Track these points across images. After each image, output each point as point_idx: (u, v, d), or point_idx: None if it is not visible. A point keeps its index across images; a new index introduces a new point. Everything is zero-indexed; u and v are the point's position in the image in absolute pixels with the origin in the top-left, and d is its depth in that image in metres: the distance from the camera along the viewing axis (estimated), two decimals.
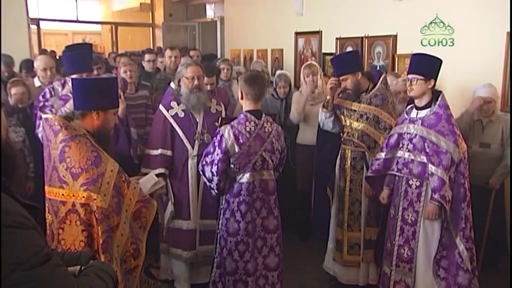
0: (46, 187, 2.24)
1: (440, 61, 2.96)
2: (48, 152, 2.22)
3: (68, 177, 2.10)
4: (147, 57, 5.40)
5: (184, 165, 3.38)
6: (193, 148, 3.37)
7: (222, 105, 3.62)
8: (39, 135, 3.39)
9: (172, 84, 3.53)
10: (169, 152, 3.37)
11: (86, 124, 2.24)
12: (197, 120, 3.41)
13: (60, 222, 2.13)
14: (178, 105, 3.40)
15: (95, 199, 2.05)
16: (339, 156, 3.61)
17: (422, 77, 2.90)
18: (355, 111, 3.48)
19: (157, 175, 3.37)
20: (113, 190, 2.13)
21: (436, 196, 2.83)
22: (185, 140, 3.37)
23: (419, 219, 2.96)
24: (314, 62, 4.60)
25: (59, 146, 2.14)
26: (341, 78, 3.46)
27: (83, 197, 2.07)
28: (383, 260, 3.24)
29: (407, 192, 3.02)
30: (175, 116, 3.38)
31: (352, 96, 3.53)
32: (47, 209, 2.25)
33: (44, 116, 2.29)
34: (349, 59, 3.57)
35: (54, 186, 2.16)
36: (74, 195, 2.09)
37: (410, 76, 2.95)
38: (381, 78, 3.48)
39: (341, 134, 3.59)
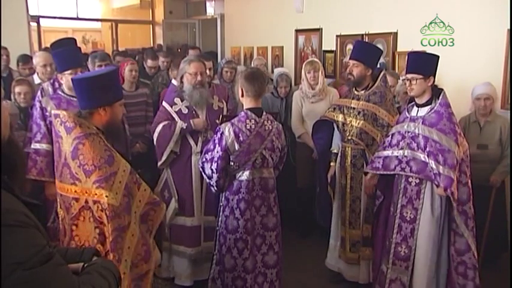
0: (57, 182, 2.23)
1: (437, 57, 2.94)
2: (58, 147, 2.21)
3: (81, 174, 2.09)
4: (149, 63, 5.45)
5: (187, 161, 3.39)
6: (196, 144, 3.39)
7: (224, 102, 3.63)
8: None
9: (174, 81, 3.54)
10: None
11: (95, 121, 2.22)
12: (200, 116, 3.42)
13: (74, 218, 2.13)
14: (181, 101, 3.41)
15: (106, 196, 2.04)
16: (339, 154, 3.60)
17: (421, 76, 2.88)
18: (354, 108, 3.48)
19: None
20: (124, 189, 2.11)
21: (448, 192, 2.75)
22: (188, 137, 3.39)
23: (418, 217, 2.93)
24: (315, 59, 4.63)
25: (72, 143, 2.12)
26: (353, 62, 3.44)
27: (95, 194, 2.06)
28: (381, 258, 3.21)
29: (406, 190, 2.99)
30: (178, 112, 3.39)
31: (351, 85, 3.53)
32: (58, 204, 2.25)
33: (54, 111, 2.25)
34: (373, 52, 3.51)
35: (66, 182, 2.15)
36: (86, 192, 2.09)
37: (409, 76, 2.93)
38: (380, 76, 3.47)
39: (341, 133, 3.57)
